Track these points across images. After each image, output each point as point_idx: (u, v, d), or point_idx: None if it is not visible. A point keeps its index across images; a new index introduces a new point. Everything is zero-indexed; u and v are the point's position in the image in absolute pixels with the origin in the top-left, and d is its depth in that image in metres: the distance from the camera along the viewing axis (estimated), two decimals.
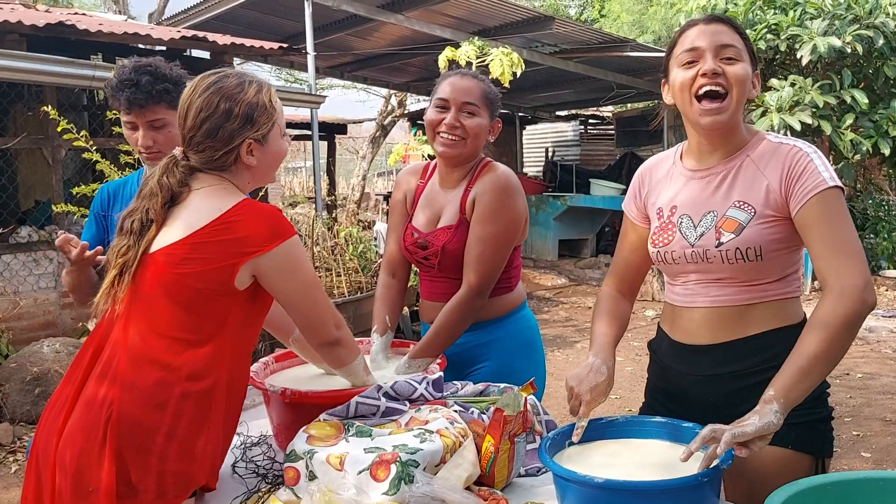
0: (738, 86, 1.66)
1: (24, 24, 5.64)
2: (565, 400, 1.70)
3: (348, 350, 1.79)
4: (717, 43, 1.67)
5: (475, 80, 2.19)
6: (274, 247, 1.59)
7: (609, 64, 10.89)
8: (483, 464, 1.60)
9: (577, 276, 10.99)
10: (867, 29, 7.60)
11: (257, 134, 1.66)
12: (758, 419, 1.45)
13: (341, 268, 6.39)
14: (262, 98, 1.67)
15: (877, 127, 7.87)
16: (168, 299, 1.57)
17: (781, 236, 1.66)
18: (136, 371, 1.54)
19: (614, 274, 1.98)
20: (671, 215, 1.79)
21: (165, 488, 1.51)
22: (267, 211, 1.64)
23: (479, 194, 2.17)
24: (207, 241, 1.57)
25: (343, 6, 8.21)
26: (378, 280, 2.41)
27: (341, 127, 14.69)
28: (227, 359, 1.62)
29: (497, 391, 1.93)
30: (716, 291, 1.73)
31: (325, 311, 1.72)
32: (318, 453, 1.56)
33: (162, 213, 1.63)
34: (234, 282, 1.58)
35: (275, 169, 1.77)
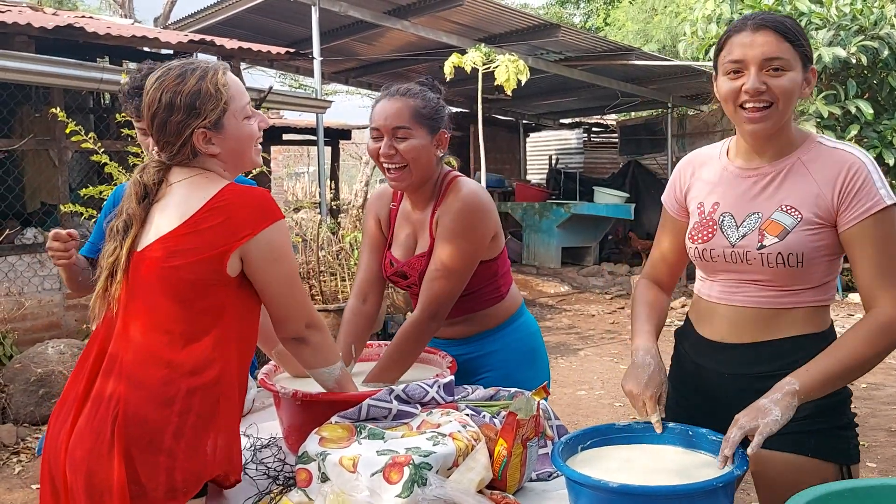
0: (784, 97, 1.62)
1: (34, 26, 5.66)
2: (570, 407, 1.72)
3: (316, 353, 1.74)
4: (763, 56, 1.61)
5: (403, 100, 2.06)
6: (261, 230, 1.57)
7: (614, 72, 10.90)
8: (495, 467, 1.60)
9: (580, 284, 10.99)
10: (872, 40, 7.61)
11: (205, 122, 1.62)
12: (780, 414, 1.47)
13: (346, 272, 6.39)
14: (206, 85, 1.61)
15: (881, 137, 7.89)
16: (164, 295, 1.56)
17: (825, 244, 1.64)
18: (142, 369, 1.54)
19: (652, 266, 1.97)
20: (713, 212, 1.76)
21: (175, 485, 1.51)
22: (253, 193, 1.61)
23: (441, 215, 2.09)
24: (196, 231, 1.56)
25: (349, 12, 8.23)
26: (346, 305, 2.26)
27: (346, 132, 14.69)
28: (230, 350, 1.60)
29: (507, 396, 1.93)
30: (752, 292, 1.72)
31: (300, 305, 1.68)
32: (331, 455, 1.56)
33: (139, 211, 1.61)
34: (227, 269, 1.57)
35: (247, 153, 1.70)
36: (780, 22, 1.64)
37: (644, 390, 1.65)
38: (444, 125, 2.12)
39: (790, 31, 1.63)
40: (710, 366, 1.80)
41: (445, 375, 1.93)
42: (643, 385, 1.66)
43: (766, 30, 1.62)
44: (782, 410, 1.48)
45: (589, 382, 6.12)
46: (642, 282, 1.97)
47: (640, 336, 1.79)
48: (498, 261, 2.20)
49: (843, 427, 1.71)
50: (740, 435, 1.47)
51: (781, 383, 1.54)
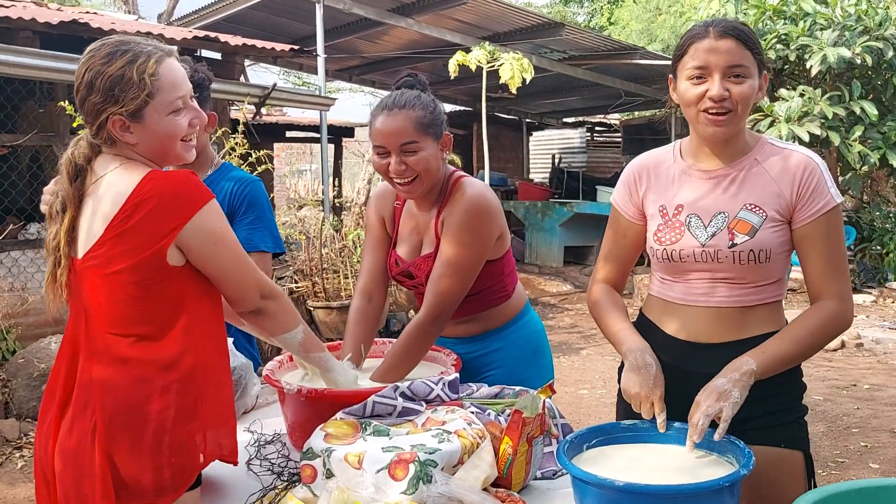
0: (744, 103, 1.69)
1: (38, 21, 5.66)
2: (572, 406, 1.73)
3: (275, 321, 1.69)
4: (727, 64, 1.67)
5: (404, 113, 2.01)
6: (192, 216, 1.50)
7: (617, 71, 10.90)
8: (501, 465, 1.60)
9: (582, 283, 10.98)
10: (877, 40, 7.60)
11: (123, 110, 1.52)
12: (739, 395, 1.57)
13: (349, 270, 6.39)
14: (130, 71, 1.51)
15: (885, 138, 7.87)
16: (115, 300, 1.52)
17: (784, 239, 1.73)
18: (111, 374, 1.51)
19: (605, 268, 1.98)
20: (677, 214, 1.81)
21: (164, 483, 1.50)
22: (176, 179, 1.52)
23: (446, 216, 2.08)
24: (124, 231, 1.49)
25: (354, 9, 8.23)
26: (351, 305, 2.25)
27: (349, 130, 14.69)
28: (200, 339, 1.56)
29: (512, 394, 1.92)
30: (722, 292, 1.77)
31: (249, 278, 1.62)
32: (336, 451, 1.56)
33: (72, 193, 1.55)
34: (169, 262, 1.51)
35: (169, 148, 1.60)
36: (741, 30, 1.70)
37: (653, 391, 1.67)
38: (445, 127, 2.10)
39: (750, 40, 1.70)
40: (688, 367, 1.77)
41: (450, 373, 1.93)
42: (650, 386, 1.67)
43: (728, 38, 1.68)
44: (741, 391, 1.57)
45: (591, 381, 6.12)
46: (599, 286, 1.97)
47: (628, 337, 1.81)
48: (503, 260, 2.19)
49: (803, 417, 1.83)
50: (707, 420, 1.54)
51: (738, 363, 1.63)
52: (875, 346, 7.09)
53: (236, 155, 5.17)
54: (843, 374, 6.18)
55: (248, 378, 2.15)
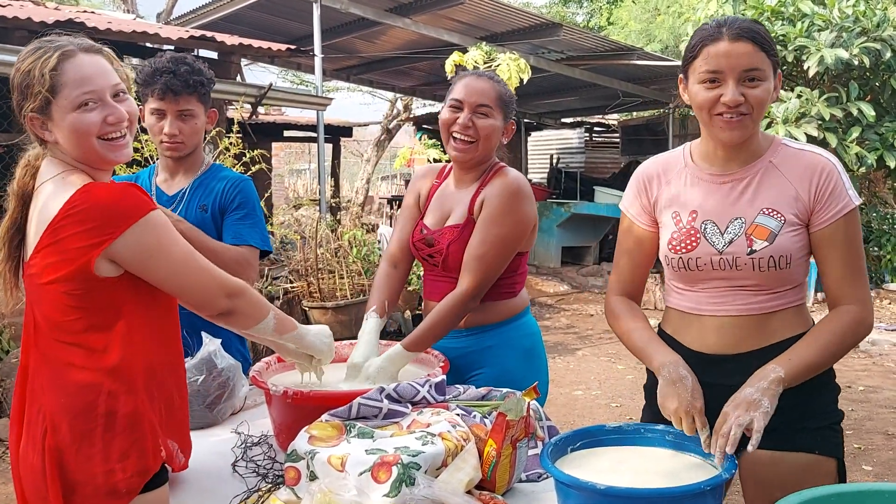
0: (759, 107, 1.64)
1: (34, 20, 5.65)
2: (566, 407, 1.71)
3: (246, 317, 1.66)
4: (742, 68, 1.60)
5: (490, 82, 2.18)
6: (119, 234, 1.45)
7: (615, 72, 10.89)
8: (485, 468, 1.59)
9: (579, 284, 10.98)
10: (874, 41, 7.59)
11: (32, 107, 1.51)
12: (769, 405, 1.51)
13: (344, 270, 6.39)
14: (36, 67, 1.49)
15: (882, 140, 7.86)
16: (53, 308, 1.52)
17: (803, 243, 1.69)
18: (58, 382, 1.52)
19: (621, 281, 1.91)
20: (692, 221, 1.75)
21: (117, 487, 1.50)
22: (110, 192, 1.48)
23: (488, 196, 2.17)
24: (54, 241, 1.47)
25: (351, 9, 8.23)
26: (378, 270, 2.38)
27: (346, 130, 14.70)
28: (146, 343, 1.56)
29: (499, 396, 1.92)
30: (741, 299, 1.71)
31: (206, 284, 1.59)
32: (320, 454, 1.56)
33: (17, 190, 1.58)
34: (98, 275, 1.48)
35: (86, 145, 1.54)
36: (756, 31, 1.63)
37: (693, 404, 1.59)
38: (512, 116, 2.24)
39: (765, 41, 1.63)
40: (708, 379, 1.67)
41: (437, 375, 1.92)
42: (689, 400, 1.59)
43: (743, 40, 1.61)
44: (770, 400, 1.52)
45: (586, 382, 6.12)
46: (617, 299, 1.90)
47: (658, 351, 1.73)
48: (523, 257, 2.27)
49: (838, 423, 1.76)
50: (739, 431, 1.48)
51: (765, 371, 1.57)
52: (871, 347, 7.08)
53: (230, 155, 5.16)
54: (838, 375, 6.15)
55: (237, 379, 2.15)
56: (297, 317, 6.35)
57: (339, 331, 6.23)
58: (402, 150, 7.79)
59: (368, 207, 16.07)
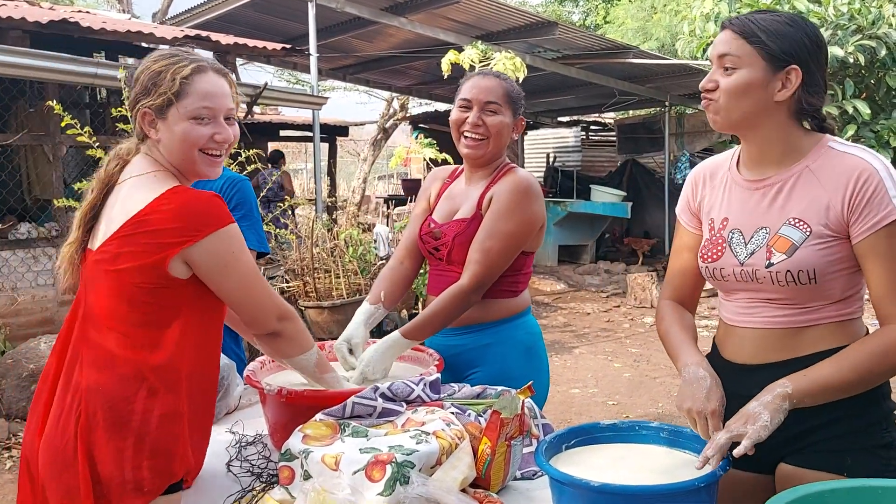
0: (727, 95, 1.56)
1: (28, 20, 5.64)
2: (563, 405, 1.70)
3: (292, 343, 1.74)
4: (717, 53, 1.58)
5: (497, 80, 2.23)
6: (202, 237, 1.54)
7: (611, 70, 10.89)
8: (479, 466, 1.59)
9: (576, 282, 10.99)
10: (870, 39, 7.60)
11: (151, 104, 1.62)
12: (769, 419, 1.42)
13: (340, 270, 6.38)
14: (167, 71, 1.62)
15: (878, 137, 7.87)
16: (116, 297, 1.56)
17: (840, 256, 1.54)
18: (101, 368, 1.54)
19: (670, 285, 1.85)
20: (722, 228, 1.67)
21: (142, 484, 1.51)
22: (196, 198, 1.57)
23: (496, 192, 2.19)
24: (136, 233, 1.54)
25: (346, 8, 8.21)
26: (385, 265, 2.43)
27: (343, 129, 14.69)
28: (193, 349, 1.60)
29: (494, 394, 1.92)
30: (768, 312, 1.61)
31: (264, 302, 1.67)
32: (314, 453, 1.55)
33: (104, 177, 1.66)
34: (171, 273, 1.54)
35: (187, 155, 1.65)
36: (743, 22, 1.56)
37: (706, 405, 1.52)
38: (522, 112, 2.29)
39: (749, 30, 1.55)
40: (734, 389, 1.59)
41: (432, 373, 1.92)
42: (703, 399, 1.53)
43: (726, 29, 1.58)
44: (771, 414, 1.43)
45: (583, 380, 6.12)
46: (665, 303, 1.83)
47: (684, 352, 1.67)
48: (529, 258, 2.28)
49: (885, 447, 1.59)
50: (727, 439, 1.42)
51: (774, 385, 1.48)
52: None
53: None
54: None
55: (231, 379, 2.15)
56: None
57: (336, 330, 6.22)
58: (398, 150, 7.77)
59: (365, 207, 16.07)
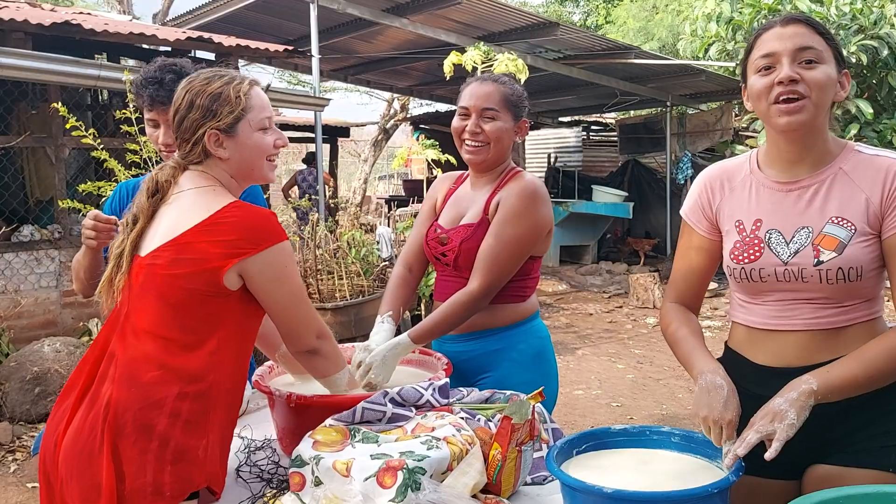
0: (818, 90, 1.57)
1: (31, 22, 5.64)
2: (567, 407, 1.70)
3: (328, 361, 1.80)
4: (795, 46, 1.57)
5: (494, 85, 2.23)
6: (260, 250, 1.60)
7: (613, 71, 10.88)
8: (490, 471, 1.59)
9: (578, 283, 10.98)
10: (872, 39, 7.59)
11: (219, 124, 1.67)
12: (796, 417, 1.45)
13: (343, 271, 6.37)
14: (228, 90, 1.69)
15: (880, 137, 7.87)
16: (162, 301, 1.59)
17: (878, 254, 1.59)
18: (134, 371, 1.56)
19: (677, 289, 1.86)
20: (756, 230, 1.68)
21: (163, 489, 1.51)
22: (256, 214, 1.64)
23: (503, 197, 2.19)
24: (195, 242, 1.59)
25: (348, 9, 8.20)
26: (392, 272, 2.42)
27: (344, 130, 14.68)
28: (226, 361, 1.62)
29: (503, 398, 1.92)
30: (808, 313, 1.63)
31: (308, 319, 1.72)
32: (325, 459, 1.55)
33: (147, 207, 1.67)
34: (224, 282, 1.59)
35: (257, 164, 1.75)
36: (810, 17, 1.63)
37: (723, 414, 1.53)
38: (524, 114, 2.29)
39: (820, 25, 1.62)
40: (771, 394, 1.56)
41: (440, 378, 1.92)
42: (720, 409, 1.53)
43: (795, 23, 1.60)
44: (797, 412, 1.45)
45: (586, 382, 6.11)
46: (670, 306, 1.85)
47: (699, 358, 1.67)
48: (536, 262, 2.27)
49: None
50: (757, 438, 1.44)
51: (798, 381, 1.50)
52: None
53: None
54: None
55: None
56: None
57: (340, 331, 6.21)
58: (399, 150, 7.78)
59: (366, 207, 16.06)
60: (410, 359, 2.17)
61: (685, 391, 5.77)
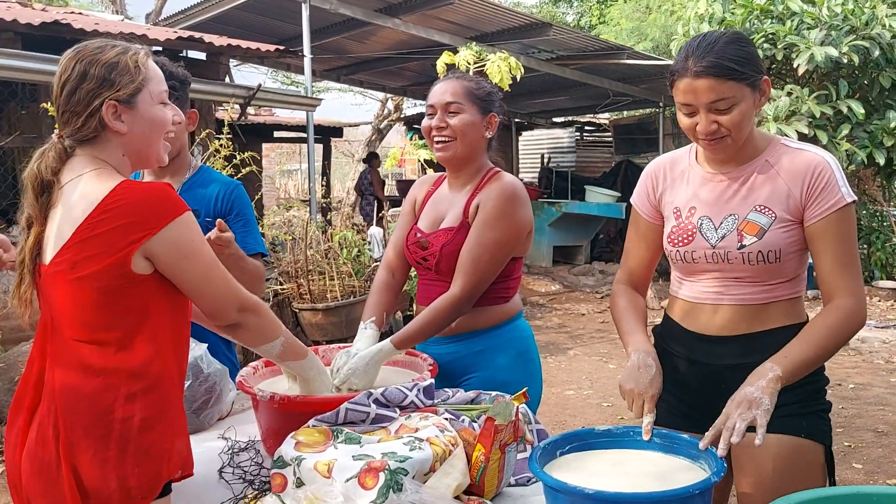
0: (736, 128, 1.70)
1: (20, 22, 5.62)
2: (558, 407, 1.72)
3: (252, 333, 1.68)
4: (708, 101, 1.68)
5: (457, 81, 2.22)
6: (161, 228, 1.49)
7: (605, 71, 10.90)
8: (473, 473, 1.58)
9: (571, 283, 10.98)
10: (863, 40, 7.60)
11: (119, 94, 1.55)
12: (769, 402, 1.55)
13: (335, 272, 6.36)
14: (126, 59, 1.57)
15: (871, 137, 7.88)
16: (79, 307, 1.51)
17: (795, 239, 1.75)
18: (74, 384, 1.50)
19: (627, 271, 2.03)
20: (690, 216, 1.84)
21: (131, 492, 1.48)
22: (149, 189, 1.52)
23: (483, 200, 2.17)
24: (91, 236, 1.48)
25: (340, 9, 8.20)
26: (375, 277, 2.41)
27: (337, 130, 14.67)
28: (165, 348, 1.56)
29: (488, 399, 1.91)
30: (737, 290, 1.80)
31: (225, 293, 1.61)
32: (306, 460, 1.54)
33: (38, 208, 1.54)
34: (133, 270, 1.49)
35: (155, 140, 1.62)
36: (718, 64, 1.66)
37: (646, 390, 1.71)
38: (495, 109, 2.25)
39: (729, 69, 1.66)
40: (704, 359, 1.85)
41: (425, 379, 1.91)
42: (646, 384, 1.72)
43: (704, 77, 1.67)
44: (770, 397, 1.57)
45: (577, 382, 6.11)
46: (620, 287, 2.02)
47: (635, 336, 1.86)
48: (518, 263, 2.27)
49: (826, 411, 1.83)
50: (744, 426, 1.52)
51: (763, 369, 1.63)
52: (861, 344, 7.10)
53: (220, 157, 5.14)
54: (828, 373, 6.16)
55: (224, 384, 2.13)
56: (288, 319, 6.32)
57: (331, 332, 6.20)
58: (392, 150, 7.76)
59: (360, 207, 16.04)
60: (396, 359, 2.16)
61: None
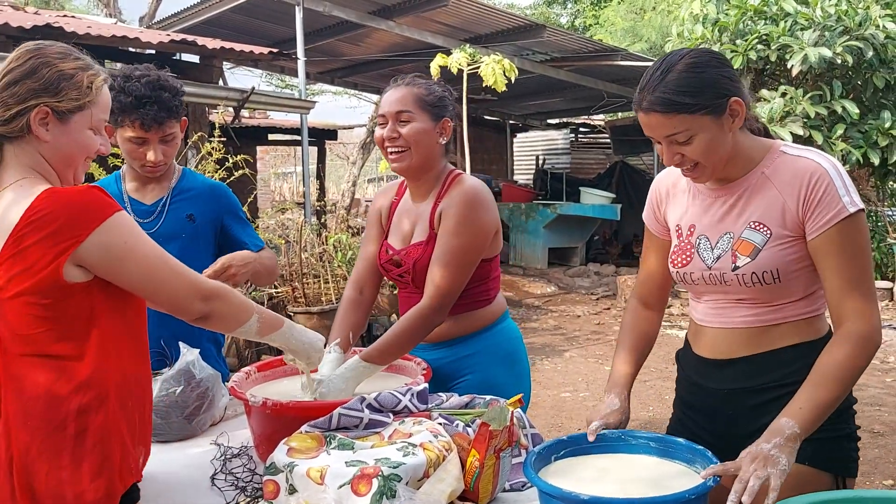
0: (704, 155, 1.60)
1: (11, 25, 5.59)
2: (554, 409, 1.72)
3: (225, 321, 1.62)
4: (662, 135, 1.60)
5: (406, 88, 2.15)
6: (90, 233, 1.40)
7: (600, 73, 10.91)
8: (467, 478, 1.57)
9: (566, 285, 10.98)
10: (857, 40, 7.62)
11: (58, 104, 1.49)
12: (787, 463, 1.43)
13: (329, 275, 6.35)
14: (83, 76, 1.52)
15: (866, 137, 7.90)
16: (21, 325, 1.44)
17: (800, 255, 1.62)
18: (22, 401, 1.45)
19: (641, 285, 1.97)
20: (690, 235, 1.76)
21: None
22: (74, 195, 1.43)
23: (445, 207, 2.13)
24: (18, 251, 1.40)
25: (334, 12, 8.19)
26: (343, 295, 2.32)
27: (331, 133, 14.65)
28: (120, 352, 1.50)
29: (482, 403, 1.90)
30: (740, 313, 1.70)
31: (180, 286, 1.53)
32: (299, 466, 1.53)
33: None
34: (68, 280, 1.41)
35: (77, 160, 1.56)
36: (663, 100, 1.57)
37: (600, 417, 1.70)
38: (447, 114, 2.18)
39: (675, 104, 1.56)
40: (709, 384, 1.78)
41: (419, 383, 1.90)
42: (604, 414, 1.71)
43: (653, 113, 1.59)
44: (788, 457, 1.45)
45: (573, 384, 6.10)
46: (631, 303, 1.97)
47: (617, 368, 1.85)
48: (492, 263, 2.22)
49: (844, 438, 1.69)
50: (759, 484, 1.40)
51: (780, 426, 1.49)
52: None
53: (212, 160, 5.12)
54: None
55: (216, 390, 2.11)
56: None
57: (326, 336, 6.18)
58: None
59: (355, 210, 16.01)
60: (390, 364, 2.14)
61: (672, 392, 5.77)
